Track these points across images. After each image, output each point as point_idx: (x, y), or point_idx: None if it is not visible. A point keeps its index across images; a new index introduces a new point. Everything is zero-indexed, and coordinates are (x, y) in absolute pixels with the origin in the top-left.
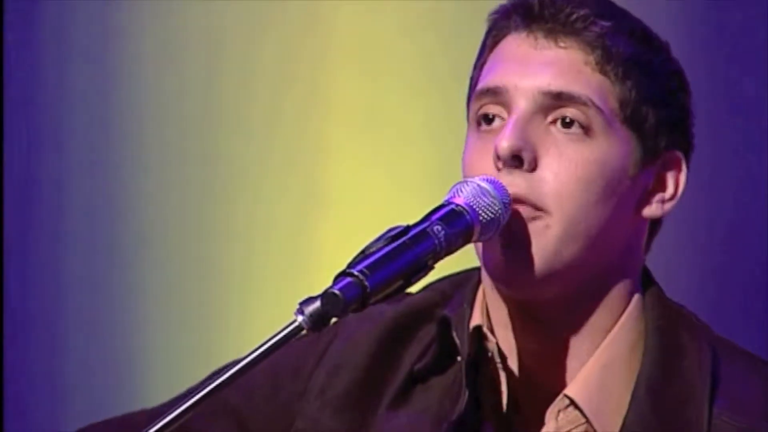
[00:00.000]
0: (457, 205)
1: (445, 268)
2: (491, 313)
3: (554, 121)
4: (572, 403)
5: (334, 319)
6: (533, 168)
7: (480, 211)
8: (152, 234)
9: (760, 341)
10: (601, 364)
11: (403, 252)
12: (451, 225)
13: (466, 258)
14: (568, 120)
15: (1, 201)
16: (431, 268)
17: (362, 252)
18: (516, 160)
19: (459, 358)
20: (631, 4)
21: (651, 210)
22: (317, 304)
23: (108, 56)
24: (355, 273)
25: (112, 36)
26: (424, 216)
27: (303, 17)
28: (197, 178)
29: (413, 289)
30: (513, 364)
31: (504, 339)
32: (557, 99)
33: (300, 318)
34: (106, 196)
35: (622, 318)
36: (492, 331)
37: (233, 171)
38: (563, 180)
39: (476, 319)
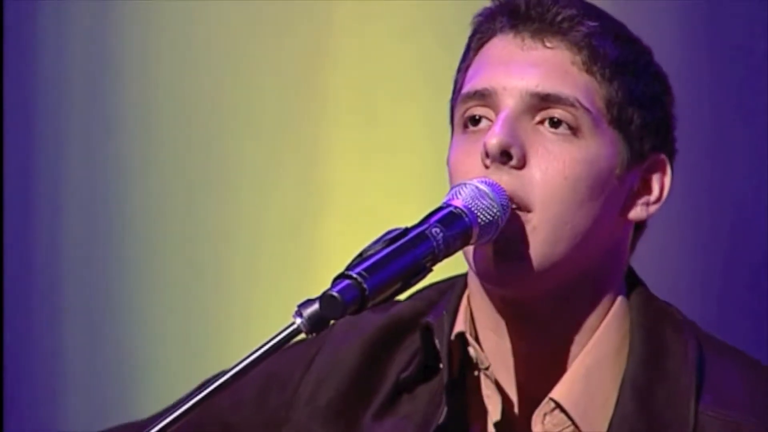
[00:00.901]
0: (456, 207)
1: (443, 270)
2: (477, 318)
3: (542, 121)
4: (558, 406)
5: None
6: (522, 165)
7: (479, 214)
8: (152, 234)
9: (762, 341)
10: (586, 365)
11: (402, 254)
12: (450, 227)
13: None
14: (556, 120)
15: (1, 201)
16: (430, 270)
17: (360, 254)
18: (504, 156)
19: (442, 365)
20: (632, 6)
21: (636, 212)
22: (316, 306)
23: (107, 56)
24: (354, 275)
25: (112, 36)
26: (423, 218)
27: (304, 18)
28: (197, 179)
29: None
30: (499, 368)
31: (490, 343)
32: (545, 100)
33: (298, 320)
34: (106, 196)
35: (607, 318)
36: (477, 338)
37: (234, 171)
38: (551, 178)
39: (459, 325)
